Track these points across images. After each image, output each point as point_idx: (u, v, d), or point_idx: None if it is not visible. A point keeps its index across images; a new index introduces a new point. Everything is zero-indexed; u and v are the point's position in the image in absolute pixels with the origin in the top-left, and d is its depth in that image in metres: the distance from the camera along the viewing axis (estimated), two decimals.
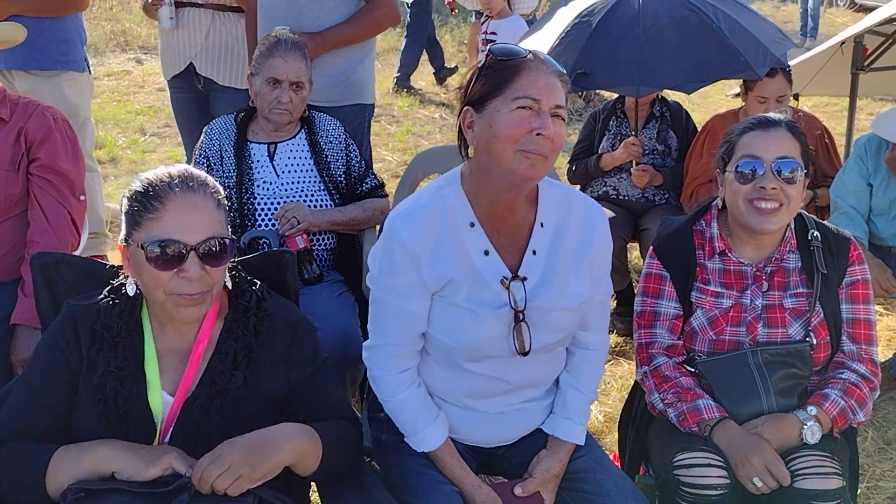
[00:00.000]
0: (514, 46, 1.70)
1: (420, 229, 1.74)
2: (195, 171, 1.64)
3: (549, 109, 1.63)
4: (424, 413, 1.86)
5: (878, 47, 4.06)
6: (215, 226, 1.60)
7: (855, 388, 2.01)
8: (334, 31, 3.26)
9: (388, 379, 1.86)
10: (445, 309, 1.78)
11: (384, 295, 1.80)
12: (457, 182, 1.80)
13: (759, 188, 1.98)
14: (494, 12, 5.19)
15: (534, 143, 1.62)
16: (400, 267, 1.75)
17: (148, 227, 1.56)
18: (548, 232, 1.82)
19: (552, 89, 1.64)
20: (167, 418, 1.66)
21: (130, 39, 10.06)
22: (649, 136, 3.84)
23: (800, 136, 2.04)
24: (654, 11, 3.38)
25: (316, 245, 2.72)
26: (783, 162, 1.98)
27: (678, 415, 2.02)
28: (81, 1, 3.67)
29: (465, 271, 1.76)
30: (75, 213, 2.53)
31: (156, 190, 1.57)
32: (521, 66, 1.65)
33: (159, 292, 1.59)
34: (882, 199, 3.30)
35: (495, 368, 1.82)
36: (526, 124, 1.62)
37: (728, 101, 8.14)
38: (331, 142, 2.81)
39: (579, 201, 1.87)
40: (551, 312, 1.79)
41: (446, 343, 1.79)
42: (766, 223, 2.00)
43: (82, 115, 3.80)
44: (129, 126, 7.04)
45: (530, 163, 1.63)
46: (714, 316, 2.07)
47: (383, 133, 7.14)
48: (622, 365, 3.60)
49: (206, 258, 1.58)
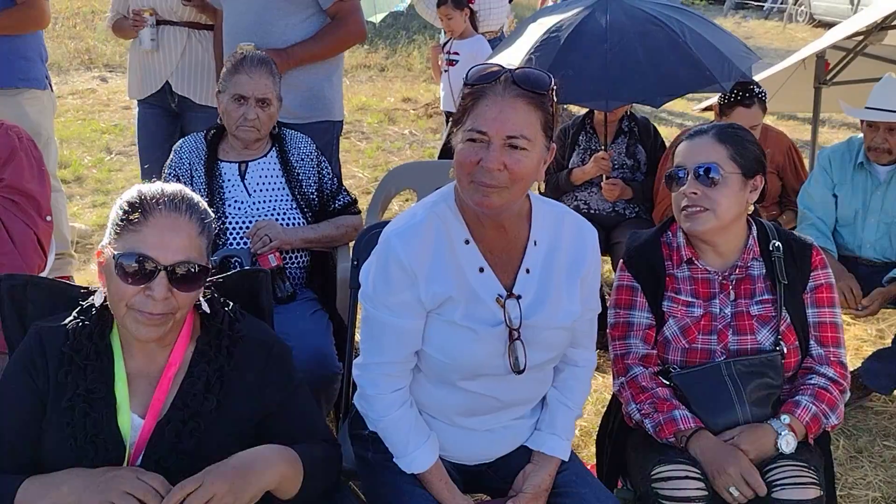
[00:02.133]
0: (483, 70, 1.65)
1: (417, 246, 1.72)
2: (189, 194, 1.62)
3: (499, 141, 1.60)
4: (416, 433, 1.83)
5: (840, 62, 4.15)
6: (192, 251, 1.58)
7: (825, 392, 2.04)
8: (301, 47, 3.25)
9: (381, 398, 1.83)
10: (443, 327, 1.76)
11: (378, 312, 1.77)
12: (451, 198, 1.78)
13: (685, 195, 2.04)
14: (456, 34, 5.21)
15: (481, 175, 1.61)
16: (396, 284, 1.73)
17: (126, 238, 1.55)
18: (541, 250, 1.81)
19: (505, 118, 1.59)
20: (138, 441, 1.63)
21: (95, 58, 9.97)
22: (618, 150, 3.88)
23: (729, 139, 2.06)
24: (621, 27, 3.43)
25: (289, 263, 2.70)
26: (703, 166, 2.03)
27: (655, 425, 2.03)
28: (42, 19, 3.63)
29: (462, 289, 1.75)
30: (42, 233, 2.48)
31: (143, 203, 1.56)
32: (479, 94, 1.62)
33: (122, 305, 1.56)
34: (847, 210, 3.36)
35: (488, 386, 1.81)
36: (473, 157, 1.61)
37: (695, 115, 8.28)
38: (302, 159, 2.79)
39: (571, 219, 1.87)
40: (546, 331, 1.79)
41: (442, 361, 1.77)
42: (693, 225, 2.05)
43: (45, 134, 3.75)
44: (95, 145, 6.95)
45: (482, 194, 1.62)
46: (686, 325, 2.09)
47: (353, 150, 7.13)
48: (597, 379, 3.61)
49: (175, 281, 1.56)
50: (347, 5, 3.29)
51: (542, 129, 1.65)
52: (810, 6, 16.61)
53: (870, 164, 3.33)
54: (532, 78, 1.63)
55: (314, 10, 3.29)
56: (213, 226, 1.66)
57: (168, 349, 1.67)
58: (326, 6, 3.27)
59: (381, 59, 10.70)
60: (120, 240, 1.56)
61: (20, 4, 3.51)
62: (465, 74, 1.67)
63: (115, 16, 3.94)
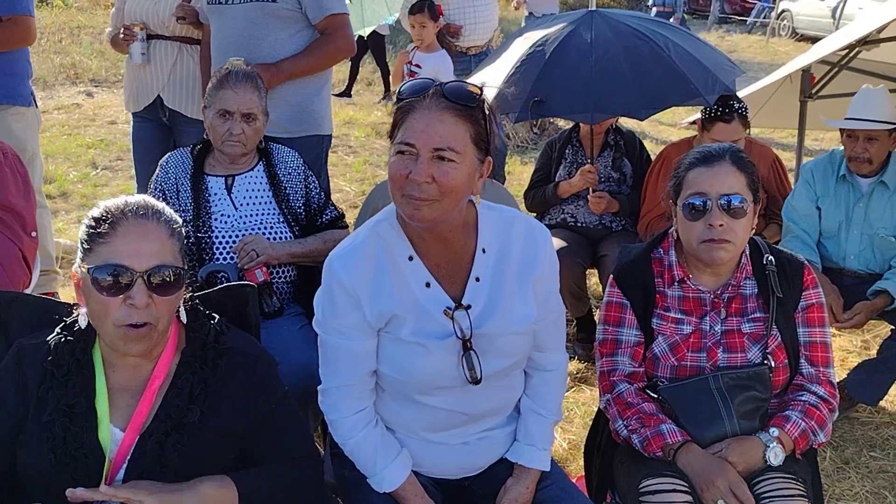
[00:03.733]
0: (414, 84, 1.67)
1: (357, 268, 1.74)
2: (152, 201, 1.63)
3: (427, 153, 1.60)
4: (383, 452, 1.83)
5: (825, 75, 4.19)
6: (166, 255, 1.58)
7: (815, 409, 2.04)
8: (289, 61, 3.26)
9: (343, 421, 1.83)
10: (392, 345, 1.76)
11: (330, 337, 1.79)
12: (393, 216, 1.78)
13: (709, 226, 2.01)
14: (424, 45, 5.22)
15: (410, 188, 1.62)
16: (341, 308, 1.74)
17: (98, 252, 1.55)
18: (490, 257, 1.81)
19: (432, 130, 1.60)
20: (117, 454, 1.62)
21: (80, 72, 9.94)
22: (605, 163, 3.90)
23: (745, 167, 2.07)
24: (606, 42, 3.46)
25: (276, 278, 2.69)
26: (729, 198, 2.01)
27: (642, 440, 2.03)
28: (28, 36, 3.63)
29: (408, 305, 1.75)
30: (27, 249, 2.47)
31: (109, 216, 1.56)
32: (408, 108, 1.64)
33: (107, 322, 1.56)
34: (831, 222, 3.39)
35: (449, 400, 1.80)
36: (403, 170, 1.62)
37: (679, 128, 8.34)
38: (289, 173, 2.79)
39: (521, 222, 1.85)
40: (500, 338, 1.78)
41: (397, 378, 1.78)
42: (717, 254, 2.03)
43: (30, 150, 3.75)
44: (81, 160, 6.92)
45: (413, 207, 1.63)
46: (675, 342, 2.09)
47: (340, 164, 7.13)
48: (584, 391, 3.61)
49: (154, 287, 1.56)
50: (337, 20, 3.30)
51: (473, 142, 1.65)
52: (793, 20, 16.83)
53: (852, 177, 3.36)
54: (460, 90, 1.64)
55: (303, 24, 3.31)
56: (182, 230, 1.65)
57: (153, 362, 1.66)
58: (316, 21, 3.28)
59: (369, 74, 10.72)
60: (92, 255, 1.56)
61: (6, 22, 3.51)
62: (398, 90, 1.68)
63: (112, 31, 3.96)
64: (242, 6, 3.27)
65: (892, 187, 3.29)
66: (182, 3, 3.71)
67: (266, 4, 3.23)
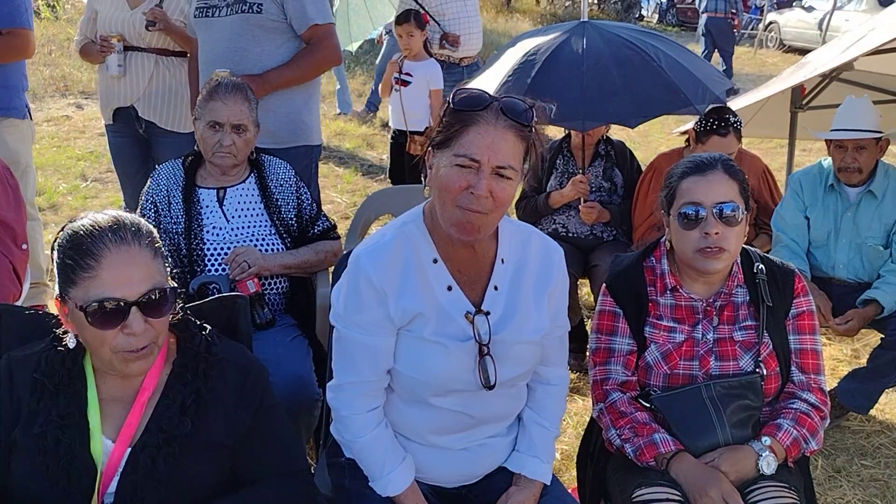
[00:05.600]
0: (474, 96, 1.68)
1: (386, 265, 1.75)
2: (126, 219, 1.58)
3: (489, 169, 1.63)
4: (392, 455, 1.83)
5: (815, 87, 4.22)
6: (154, 276, 1.57)
7: (806, 417, 2.05)
8: (275, 72, 3.28)
9: (356, 418, 1.83)
10: (413, 343, 1.78)
11: (350, 332, 1.79)
12: (420, 219, 1.81)
13: (704, 234, 2.02)
14: (412, 54, 5.26)
15: (468, 201, 1.64)
16: (366, 303, 1.75)
17: (85, 287, 1.51)
18: (509, 268, 1.85)
19: (496, 148, 1.63)
20: (107, 466, 1.61)
21: (70, 84, 9.91)
22: (595, 174, 3.91)
23: (736, 175, 2.08)
24: (597, 51, 3.48)
25: (268, 289, 2.69)
26: (723, 206, 2.03)
27: (635, 449, 2.03)
28: (27, 49, 3.63)
29: (431, 306, 1.77)
30: (17, 262, 2.46)
31: (88, 245, 1.51)
32: (470, 122, 1.64)
33: (105, 350, 1.55)
34: (819, 232, 3.41)
35: (460, 403, 1.81)
36: (462, 182, 1.64)
37: (668, 138, 8.38)
38: (281, 185, 2.79)
39: (537, 239, 1.91)
40: (515, 346, 1.81)
41: (413, 378, 1.78)
42: (712, 264, 2.04)
43: (23, 163, 3.74)
44: (70, 172, 6.89)
45: (466, 218, 1.66)
46: (668, 350, 2.10)
47: (331, 174, 7.13)
48: (577, 401, 3.61)
49: (148, 311, 1.55)
50: (322, 30, 3.32)
51: (523, 159, 1.70)
52: (780, 32, 16.98)
53: (840, 186, 3.39)
54: (519, 110, 1.67)
55: (289, 35, 3.32)
56: (158, 242, 1.63)
57: (143, 373, 1.65)
58: (301, 31, 3.30)
59: (359, 85, 10.74)
60: (78, 289, 1.52)
61: (6, 35, 3.50)
62: (451, 97, 1.69)
63: (82, 40, 3.97)
64: (229, 18, 3.28)
65: (879, 196, 3.31)
66: (153, 8, 3.71)
67: (251, 16, 3.24)
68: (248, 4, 3.25)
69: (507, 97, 1.68)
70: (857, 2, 14.31)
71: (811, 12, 15.67)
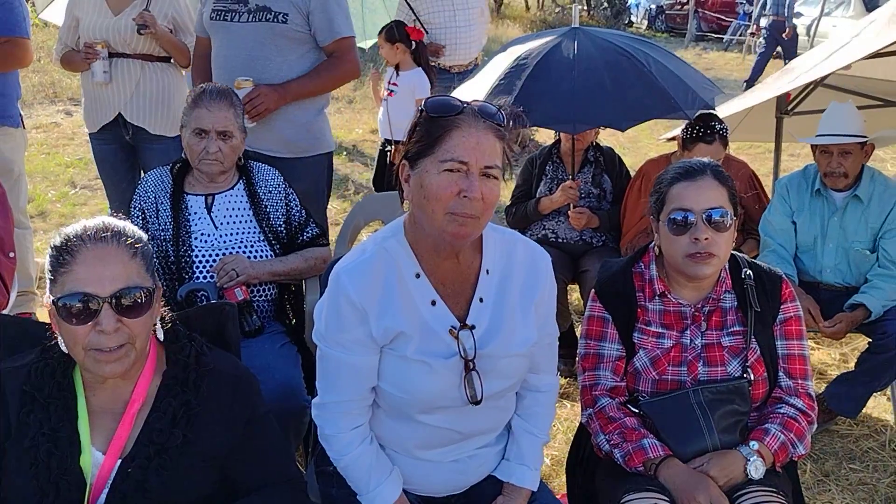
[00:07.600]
0: (447, 101, 1.68)
1: (366, 283, 1.72)
2: (112, 222, 1.61)
3: (477, 170, 1.62)
4: (378, 470, 1.82)
5: (801, 92, 4.24)
6: (131, 276, 1.56)
7: (794, 421, 2.06)
8: (297, 83, 3.28)
9: (340, 437, 1.81)
10: (396, 362, 1.75)
11: (332, 351, 1.76)
12: (400, 233, 1.78)
13: (694, 240, 2.02)
14: (390, 65, 5.30)
15: (461, 206, 1.62)
16: (347, 322, 1.73)
17: (62, 283, 1.53)
18: (494, 278, 1.82)
19: (482, 148, 1.62)
20: (97, 478, 1.60)
21: (59, 91, 9.89)
22: (585, 179, 3.92)
23: (725, 181, 2.09)
24: (588, 56, 3.51)
25: (256, 296, 2.68)
26: (712, 211, 2.03)
27: (624, 455, 2.03)
28: (25, 58, 3.62)
29: (414, 322, 1.74)
30: (4, 270, 2.45)
31: (69, 244, 1.55)
32: (451, 125, 1.63)
33: (78, 349, 1.55)
34: (806, 237, 3.43)
35: (447, 419, 1.80)
36: (454, 187, 1.62)
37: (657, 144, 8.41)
38: (270, 192, 2.78)
39: (522, 245, 1.88)
40: (502, 359, 1.79)
41: (398, 396, 1.76)
42: (702, 269, 2.05)
43: (16, 171, 3.74)
44: (59, 179, 6.87)
45: (459, 223, 1.64)
46: (656, 356, 2.10)
47: None
48: (566, 407, 3.62)
49: (121, 310, 1.54)
50: (345, 43, 3.33)
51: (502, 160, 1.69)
52: None
53: (826, 191, 3.40)
54: (492, 111, 1.68)
55: (311, 46, 3.32)
56: (147, 246, 1.63)
57: (132, 383, 1.64)
58: (325, 44, 3.30)
59: (350, 91, 10.74)
60: (56, 284, 1.55)
61: (4, 44, 3.49)
62: (423, 104, 1.68)
63: (63, 48, 3.94)
64: (252, 25, 3.25)
65: (865, 201, 3.33)
66: (142, 12, 3.70)
67: (276, 25, 3.23)
68: (273, 14, 3.23)
69: (475, 101, 1.69)
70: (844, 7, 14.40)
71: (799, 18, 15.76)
